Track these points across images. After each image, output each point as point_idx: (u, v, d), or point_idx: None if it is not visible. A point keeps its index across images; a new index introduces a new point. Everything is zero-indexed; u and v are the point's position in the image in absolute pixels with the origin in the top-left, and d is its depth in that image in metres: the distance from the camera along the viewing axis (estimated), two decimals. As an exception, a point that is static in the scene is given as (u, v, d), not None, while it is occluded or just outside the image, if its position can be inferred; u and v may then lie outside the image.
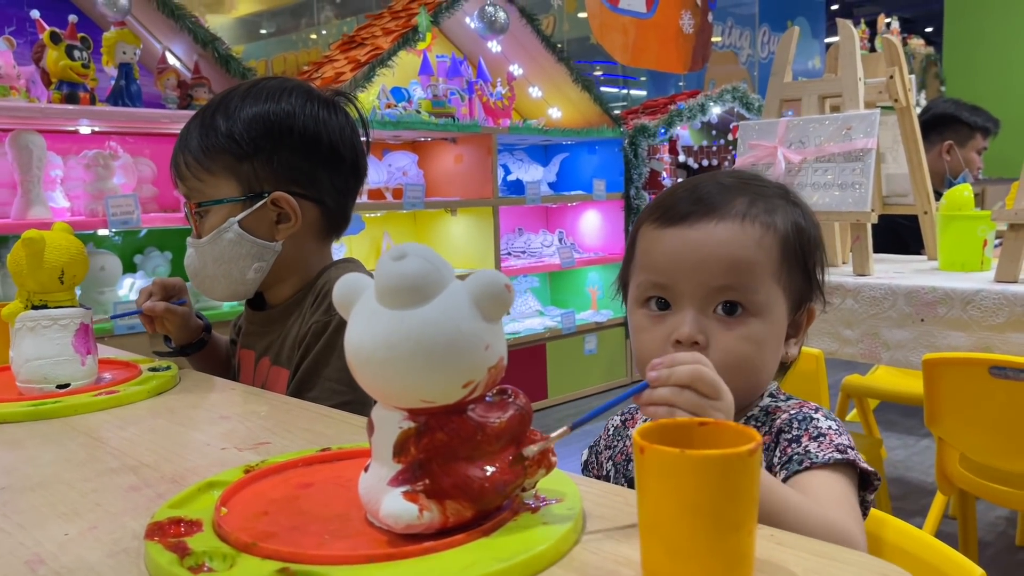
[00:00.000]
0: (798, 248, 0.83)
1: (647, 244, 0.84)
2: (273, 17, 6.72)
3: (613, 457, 0.92)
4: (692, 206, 0.81)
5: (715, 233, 0.80)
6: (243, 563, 0.52)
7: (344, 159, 1.15)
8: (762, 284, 0.80)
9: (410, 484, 0.54)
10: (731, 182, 0.85)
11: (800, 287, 0.84)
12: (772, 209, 0.82)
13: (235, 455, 0.78)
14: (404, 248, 0.54)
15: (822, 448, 0.75)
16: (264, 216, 1.11)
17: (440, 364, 0.53)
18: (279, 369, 1.14)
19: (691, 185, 0.85)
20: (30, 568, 0.56)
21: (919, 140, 2.15)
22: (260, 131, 1.10)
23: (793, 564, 0.51)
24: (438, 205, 3.52)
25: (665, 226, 0.82)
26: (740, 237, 0.80)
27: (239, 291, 1.16)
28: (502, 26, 3.55)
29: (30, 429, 0.89)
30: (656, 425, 0.51)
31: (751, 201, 0.82)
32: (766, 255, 0.80)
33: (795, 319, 0.85)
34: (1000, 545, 2.34)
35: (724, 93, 4.41)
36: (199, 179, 1.12)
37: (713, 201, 0.81)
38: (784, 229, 0.82)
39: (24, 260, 1.00)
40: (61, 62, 2.36)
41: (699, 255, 0.79)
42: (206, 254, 1.12)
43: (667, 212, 0.83)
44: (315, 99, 1.14)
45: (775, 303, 0.81)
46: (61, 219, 2.45)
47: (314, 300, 1.12)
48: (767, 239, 0.81)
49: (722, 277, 0.78)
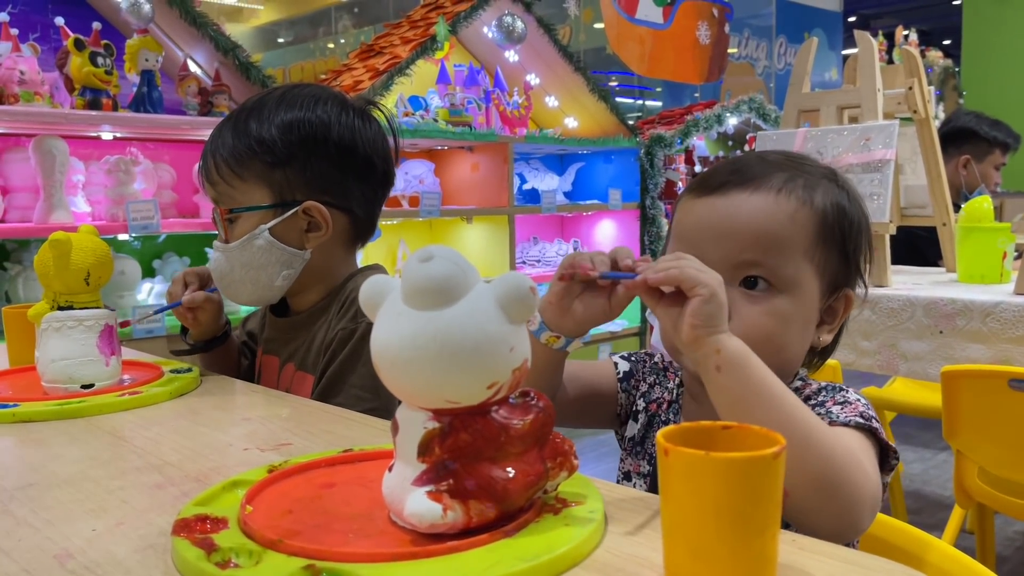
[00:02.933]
0: (837, 228, 0.80)
1: (681, 215, 0.83)
2: (292, 26, 6.78)
3: (648, 407, 0.92)
4: (729, 176, 0.80)
5: (746, 204, 0.78)
6: (269, 560, 0.53)
7: (376, 169, 1.15)
8: (791, 260, 0.78)
9: (434, 484, 0.55)
10: (775, 158, 0.84)
11: (836, 269, 0.81)
12: (813, 185, 0.80)
13: (258, 455, 0.79)
14: (431, 250, 0.54)
15: (845, 411, 0.74)
16: (294, 224, 1.11)
17: (465, 365, 0.53)
18: (304, 375, 1.14)
19: (734, 158, 0.85)
20: (59, 562, 0.56)
21: (938, 152, 2.14)
22: (295, 139, 1.09)
23: (815, 568, 0.52)
24: (454, 213, 3.54)
25: (700, 195, 0.81)
26: (772, 209, 0.78)
27: (265, 296, 1.16)
28: (520, 36, 3.57)
29: (55, 428, 0.91)
30: (679, 428, 0.51)
31: (791, 176, 0.80)
32: (799, 230, 0.78)
33: (830, 304, 0.82)
34: (1018, 560, 2.31)
35: (740, 104, 4.41)
36: (230, 184, 1.11)
37: (751, 172, 0.80)
38: (823, 206, 0.80)
39: (51, 261, 1.01)
40: (84, 68, 2.39)
41: (727, 225, 0.78)
42: (234, 259, 1.12)
43: (704, 182, 0.82)
44: (350, 108, 1.14)
45: (805, 281, 0.78)
46: (82, 223, 2.48)
47: (340, 307, 1.12)
48: (802, 214, 0.78)
49: (749, 250, 0.77)
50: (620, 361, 0.96)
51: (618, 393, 0.94)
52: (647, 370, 0.95)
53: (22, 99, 2.35)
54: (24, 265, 2.50)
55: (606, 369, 0.96)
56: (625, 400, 0.94)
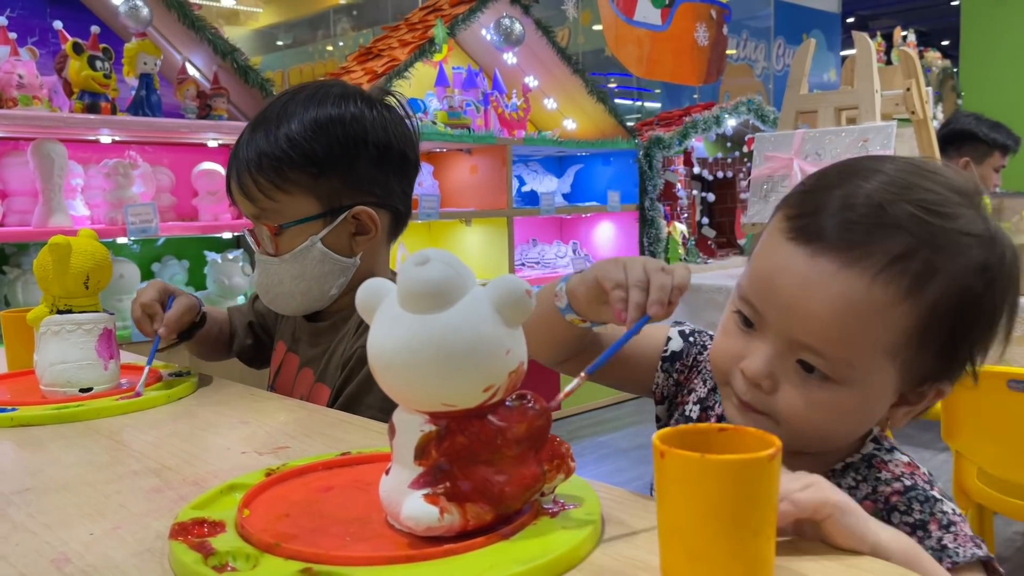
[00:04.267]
0: (948, 325, 0.64)
1: (765, 244, 0.69)
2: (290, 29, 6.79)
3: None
4: (831, 226, 0.64)
5: (829, 282, 0.63)
6: (266, 563, 0.53)
7: (410, 161, 1.14)
8: (863, 357, 0.64)
9: (431, 487, 0.55)
10: (905, 211, 0.63)
11: (931, 366, 0.66)
12: (936, 266, 0.62)
13: (255, 459, 0.79)
14: (427, 254, 0.54)
15: (959, 542, 0.64)
16: (343, 230, 1.08)
17: (461, 368, 0.53)
18: (322, 386, 1.12)
19: (853, 192, 0.65)
20: (56, 567, 0.56)
21: (936, 153, 2.14)
22: (336, 145, 1.05)
23: (812, 570, 0.52)
24: (453, 215, 3.54)
25: (790, 234, 0.66)
26: (857, 299, 0.62)
27: (315, 306, 1.13)
28: (518, 38, 3.57)
29: (53, 432, 0.91)
30: (675, 430, 0.51)
31: (912, 247, 0.62)
32: (886, 329, 0.63)
33: (916, 391, 0.68)
34: (1018, 561, 2.31)
35: (739, 105, 4.42)
36: (273, 199, 1.06)
37: (857, 232, 0.63)
38: (934, 300, 0.63)
39: (50, 265, 1.02)
40: (83, 72, 2.40)
41: (796, 297, 0.64)
42: (284, 272, 1.09)
43: (804, 218, 0.66)
44: (374, 103, 1.11)
45: (879, 378, 0.65)
46: (81, 227, 2.48)
47: (360, 321, 1.10)
48: (897, 311, 0.62)
49: (813, 335, 0.64)
50: (674, 336, 0.87)
51: (656, 371, 0.86)
52: (703, 356, 0.86)
53: (21, 103, 2.35)
54: (23, 269, 2.50)
55: (654, 339, 0.87)
56: (663, 380, 0.86)
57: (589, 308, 0.75)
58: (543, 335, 0.82)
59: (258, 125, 1.08)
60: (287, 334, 1.23)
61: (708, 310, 2.13)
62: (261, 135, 1.07)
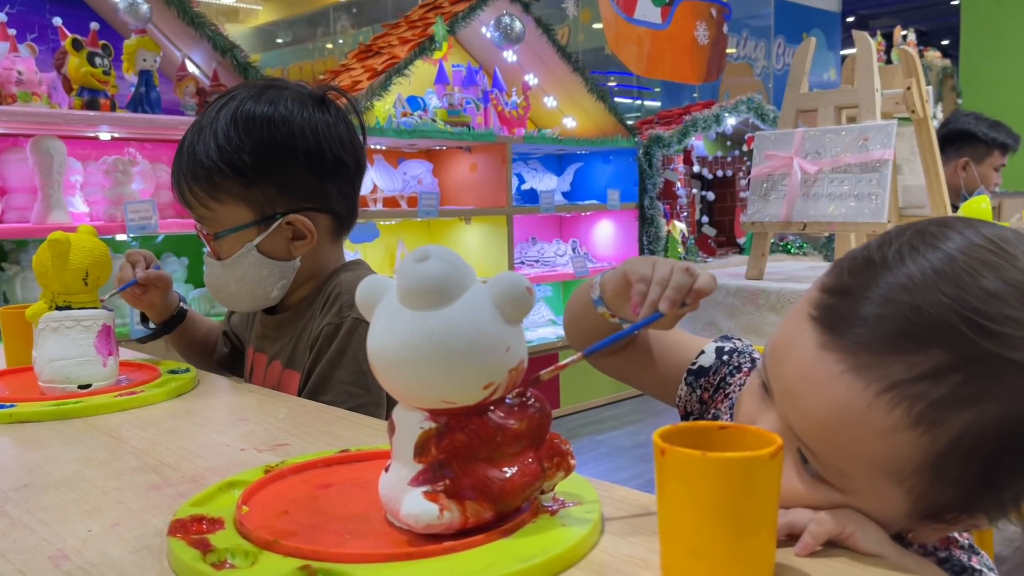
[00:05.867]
0: (975, 463, 0.52)
1: (795, 309, 0.60)
2: (290, 26, 6.78)
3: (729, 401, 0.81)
4: (853, 317, 0.54)
5: (828, 382, 0.54)
6: (265, 560, 0.53)
7: (348, 165, 1.14)
8: (856, 471, 0.55)
9: (430, 484, 0.55)
10: (946, 322, 0.50)
11: (955, 500, 0.55)
12: (967, 396, 0.50)
13: (254, 456, 0.79)
14: (427, 250, 0.54)
15: None
16: (280, 236, 1.11)
17: (461, 365, 0.53)
18: (291, 372, 1.14)
19: (896, 288, 0.52)
20: (54, 564, 0.56)
21: (936, 152, 2.14)
22: (263, 153, 1.07)
23: (813, 569, 0.51)
24: (452, 214, 3.54)
25: (814, 311, 0.57)
26: (852, 412, 0.53)
27: (263, 304, 1.17)
28: (518, 36, 3.57)
29: (52, 429, 0.90)
30: (676, 428, 0.51)
31: (938, 370, 0.50)
32: (886, 452, 0.53)
33: (941, 518, 0.57)
34: (1017, 560, 2.31)
35: (739, 104, 4.41)
36: (208, 208, 1.10)
37: (878, 333, 0.52)
38: (958, 433, 0.51)
39: (49, 261, 1.01)
40: (82, 69, 2.39)
41: (794, 387, 0.57)
42: (227, 275, 1.13)
43: (834, 295, 0.56)
44: (308, 103, 1.11)
45: (879, 495, 0.55)
46: (80, 224, 2.48)
47: (324, 303, 1.12)
48: (902, 439, 0.52)
49: (805, 432, 0.56)
50: (709, 350, 0.83)
51: (680, 384, 0.83)
52: (734, 379, 0.81)
53: (20, 99, 2.35)
54: (22, 265, 2.50)
55: (688, 349, 0.85)
56: (686, 393, 0.83)
57: (615, 301, 0.76)
58: (580, 328, 0.84)
59: (195, 127, 1.11)
60: (253, 336, 1.26)
61: (707, 308, 2.13)
62: (198, 140, 1.09)
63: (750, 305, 2.04)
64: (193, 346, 1.33)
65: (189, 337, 1.32)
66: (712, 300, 2.13)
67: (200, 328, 1.35)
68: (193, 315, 1.33)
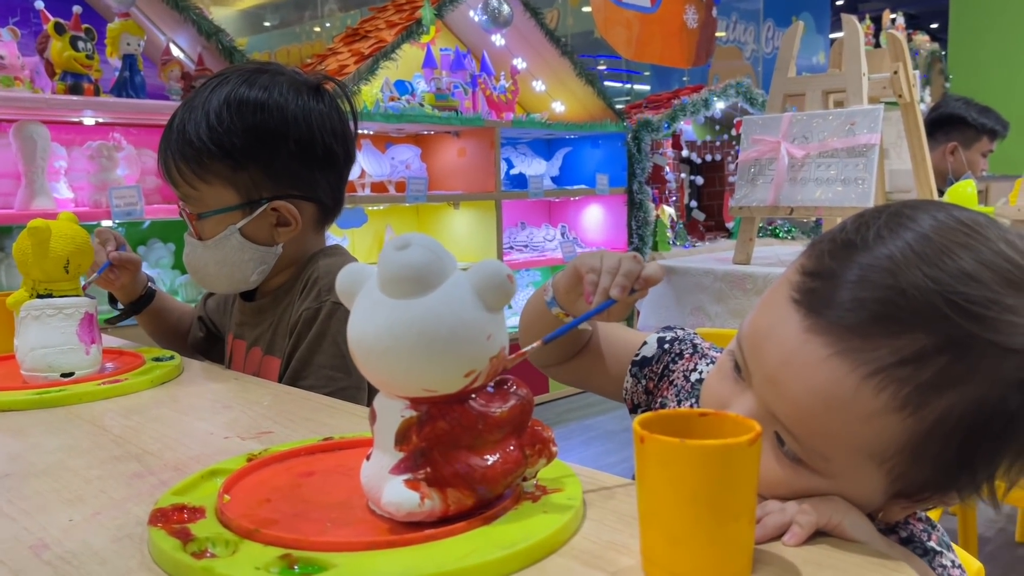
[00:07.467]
0: (960, 443, 0.53)
1: (774, 290, 0.60)
2: (277, 9, 6.71)
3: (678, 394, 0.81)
4: (838, 300, 0.54)
5: (815, 366, 0.54)
6: (246, 549, 0.53)
7: (338, 156, 1.14)
8: (838, 455, 0.56)
9: (412, 472, 0.55)
10: (930, 304, 0.51)
11: (931, 479, 0.56)
12: (951, 377, 0.52)
13: (238, 444, 0.78)
14: (407, 238, 0.54)
15: None
16: (264, 221, 1.11)
17: (442, 353, 0.53)
18: (271, 358, 1.14)
19: (879, 270, 0.53)
20: (35, 553, 0.56)
21: (923, 136, 2.15)
22: (254, 137, 1.07)
23: (792, 554, 0.52)
24: (441, 199, 3.53)
25: (795, 293, 0.57)
26: (839, 396, 0.53)
27: (241, 288, 1.17)
28: (506, 20, 3.55)
29: (34, 417, 0.90)
30: (656, 415, 0.51)
31: (924, 352, 0.51)
32: (871, 435, 0.54)
33: (913, 496, 0.58)
34: (999, 541, 2.34)
35: (728, 88, 4.41)
36: (194, 187, 1.10)
37: (864, 315, 0.52)
38: (940, 415, 0.52)
39: (30, 249, 1.00)
40: (65, 53, 2.37)
41: (778, 371, 0.56)
42: (207, 256, 1.12)
43: (816, 279, 0.56)
44: (303, 91, 1.11)
45: (858, 477, 0.56)
46: (65, 210, 2.46)
47: (303, 287, 1.12)
48: (887, 421, 0.53)
49: (787, 417, 0.56)
50: (651, 341, 0.85)
51: (626, 376, 0.85)
52: (676, 366, 0.82)
53: (2, 84, 2.32)
54: (5, 252, 2.48)
55: (630, 342, 0.86)
56: (632, 385, 0.85)
57: (567, 297, 0.77)
58: (534, 333, 0.83)
59: (187, 106, 1.10)
60: (232, 323, 1.25)
61: (695, 293, 2.13)
62: (189, 118, 1.08)
63: (737, 290, 2.05)
64: (165, 329, 1.34)
65: (160, 319, 1.33)
66: (700, 285, 2.14)
67: (172, 311, 1.35)
68: (163, 296, 1.34)
